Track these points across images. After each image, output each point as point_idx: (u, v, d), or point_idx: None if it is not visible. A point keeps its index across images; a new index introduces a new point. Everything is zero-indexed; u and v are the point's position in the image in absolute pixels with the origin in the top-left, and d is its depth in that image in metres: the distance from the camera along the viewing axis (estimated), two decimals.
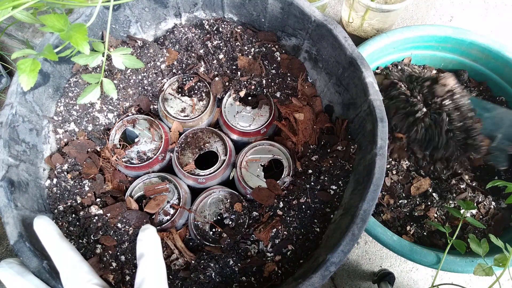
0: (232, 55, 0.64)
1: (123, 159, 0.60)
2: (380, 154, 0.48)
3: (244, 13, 0.64)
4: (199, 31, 0.66)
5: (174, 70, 0.65)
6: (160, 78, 0.65)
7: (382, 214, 0.76)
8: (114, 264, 0.52)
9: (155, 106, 0.66)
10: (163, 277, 0.40)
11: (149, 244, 0.41)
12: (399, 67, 0.86)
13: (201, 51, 0.65)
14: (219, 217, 0.58)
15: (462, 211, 0.66)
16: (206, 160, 0.64)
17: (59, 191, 0.55)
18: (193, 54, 0.65)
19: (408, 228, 0.74)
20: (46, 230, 0.41)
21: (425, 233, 0.75)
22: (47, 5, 0.48)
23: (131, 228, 0.54)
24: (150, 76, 0.63)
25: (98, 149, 0.60)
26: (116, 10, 0.59)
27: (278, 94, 0.64)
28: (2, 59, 1.04)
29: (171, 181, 0.60)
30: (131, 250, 0.53)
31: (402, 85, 0.71)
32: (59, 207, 0.54)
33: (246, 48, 0.64)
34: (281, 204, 0.56)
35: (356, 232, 0.45)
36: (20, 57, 0.45)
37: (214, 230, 0.57)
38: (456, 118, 0.67)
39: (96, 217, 0.54)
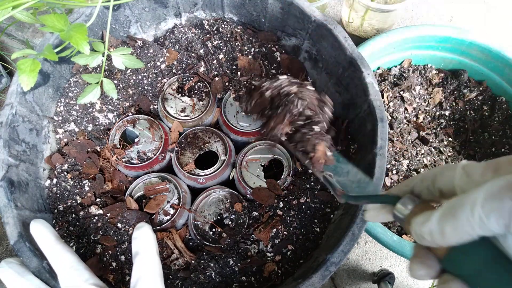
0: (232, 55, 0.64)
1: (123, 159, 0.60)
2: (380, 154, 0.48)
3: (244, 13, 0.64)
4: (199, 31, 0.66)
5: (174, 70, 0.65)
6: (160, 78, 0.65)
7: None
8: (114, 264, 0.52)
9: (155, 106, 0.66)
10: (159, 275, 0.39)
11: (144, 242, 0.41)
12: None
13: (201, 51, 0.65)
14: (219, 217, 0.58)
15: None
16: (206, 160, 0.64)
17: (59, 191, 0.55)
18: (193, 54, 0.65)
19: None
20: (42, 233, 0.41)
21: None
22: (47, 5, 0.48)
23: (131, 228, 0.54)
24: (150, 76, 0.63)
25: (98, 149, 0.60)
26: (116, 10, 0.59)
27: None
28: (2, 59, 1.03)
29: (171, 181, 0.60)
30: (131, 250, 0.53)
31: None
32: (59, 207, 0.54)
33: (246, 48, 0.64)
34: (281, 204, 0.56)
35: (356, 232, 0.45)
36: (20, 57, 0.45)
37: (214, 230, 0.57)
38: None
39: (96, 217, 0.54)
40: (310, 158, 0.46)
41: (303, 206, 0.55)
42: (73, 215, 0.54)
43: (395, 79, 0.85)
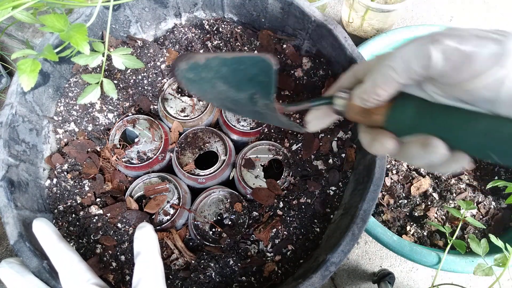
0: None
1: (123, 159, 0.60)
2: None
3: (244, 13, 0.64)
4: (199, 31, 0.66)
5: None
6: (160, 78, 0.65)
7: (382, 214, 0.76)
8: (114, 264, 0.52)
9: (155, 106, 0.66)
10: (160, 275, 0.39)
11: (145, 242, 0.41)
12: None
13: (201, 51, 0.65)
14: (219, 217, 0.58)
15: (462, 211, 0.66)
16: (206, 160, 0.64)
17: (59, 191, 0.55)
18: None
19: (408, 228, 0.75)
20: (44, 232, 0.41)
21: (425, 233, 0.75)
22: (47, 5, 0.48)
23: (131, 228, 0.54)
24: (150, 76, 0.63)
25: (98, 149, 0.60)
26: (116, 10, 0.59)
27: None
28: (2, 59, 1.04)
29: (171, 181, 0.60)
30: (131, 250, 0.53)
31: None
32: (59, 207, 0.54)
33: (246, 48, 0.64)
34: (281, 204, 0.56)
35: (356, 232, 0.45)
36: (20, 57, 0.45)
37: (214, 230, 0.57)
38: None
39: (96, 217, 0.54)
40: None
41: (303, 206, 0.55)
42: (73, 215, 0.54)
43: None
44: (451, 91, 0.27)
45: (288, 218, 0.54)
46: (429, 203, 0.76)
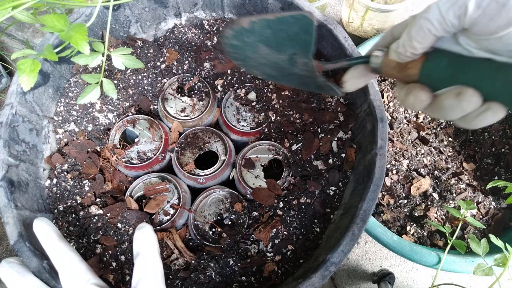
0: None
1: (123, 159, 0.60)
2: (380, 154, 0.48)
3: (244, 13, 0.64)
4: (199, 31, 0.66)
5: (174, 70, 0.65)
6: (160, 78, 0.65)
7: (382, 214, 0.76)
8: (114, 264, 0.52)
9: (155, 106, 0.66)
10: (160, 276, 0.39)
11: (145, 243, 0.41)
12: None
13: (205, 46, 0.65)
14: (219, 217, 0.58)
15: (462, 211, 0.66)
16: (206, 160, 0.64)
17: (59, 191, 0.55)
18: (193, 54, 0.65)
19: (408, 228, 0.74)
20: (45, 231, 0.41)
21: (425, 233, 0.75)
22: (47, 5, 0.48)
23: (131, 228, 0.54)
24: (150, 76, 0.63)
25: (98, 149, 0.60)
26: (116, 10, 0.59)
27: None
28: (2, 59, 1.04)
29: (171, 181, 0.60)
30: (131, 250, 0.53)
31: None
32: (59, 207, 0.54)
33: None
34: (281, 204, 0.56)
35: (356, 232, 0.45)
36: (20, 57, 0.45)
37: (214, 230, 0.57)
38: None
39: (96, 217, 0.54)
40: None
41: (303, 206, 0.55)
42: (73, 215, 0.54)
43: None
44: (484, 42, 0.27)
45: (288, 218, 0.54)
46: (429, 203, 0.76)
